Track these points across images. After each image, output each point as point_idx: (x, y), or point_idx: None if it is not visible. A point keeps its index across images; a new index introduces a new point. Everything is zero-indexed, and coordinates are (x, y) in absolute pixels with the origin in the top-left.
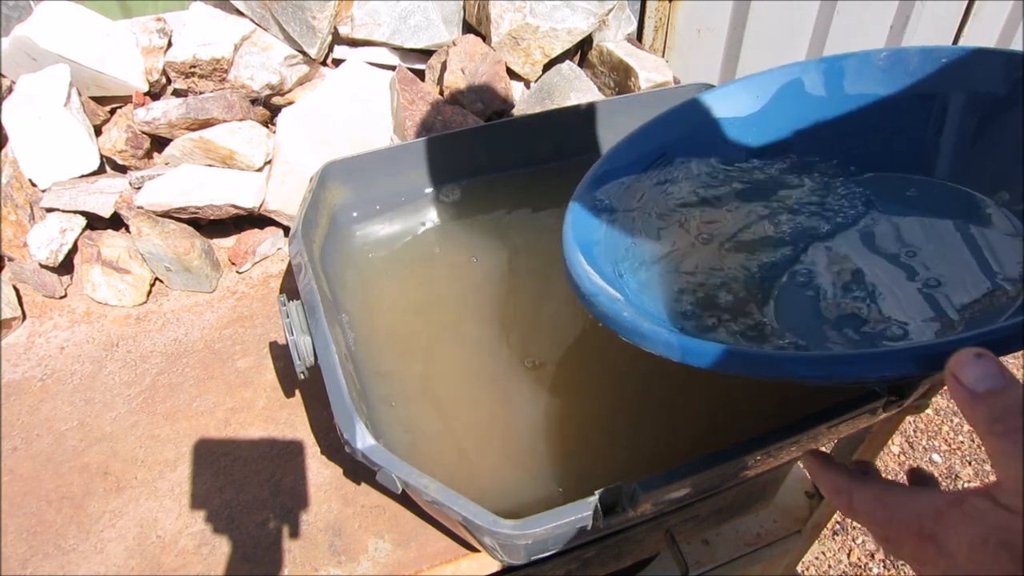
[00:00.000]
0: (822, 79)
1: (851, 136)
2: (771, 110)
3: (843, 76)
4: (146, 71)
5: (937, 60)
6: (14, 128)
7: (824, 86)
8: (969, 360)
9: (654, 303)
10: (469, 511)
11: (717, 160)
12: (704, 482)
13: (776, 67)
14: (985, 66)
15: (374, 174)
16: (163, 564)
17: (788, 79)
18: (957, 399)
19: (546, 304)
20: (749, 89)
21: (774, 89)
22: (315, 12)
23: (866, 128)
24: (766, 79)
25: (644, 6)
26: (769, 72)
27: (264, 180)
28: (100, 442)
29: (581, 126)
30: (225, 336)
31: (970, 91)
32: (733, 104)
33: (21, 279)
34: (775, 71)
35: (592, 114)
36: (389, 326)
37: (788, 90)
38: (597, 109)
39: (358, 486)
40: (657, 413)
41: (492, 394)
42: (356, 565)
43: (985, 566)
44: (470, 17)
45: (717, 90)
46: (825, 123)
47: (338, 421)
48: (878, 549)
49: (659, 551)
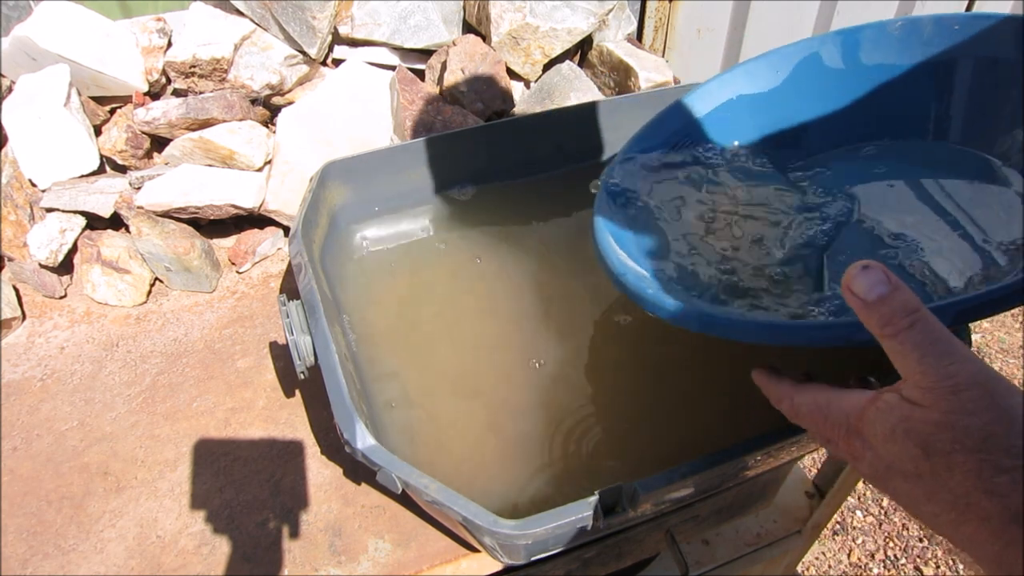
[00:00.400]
0: (839, 51)
1: (869, 106)
2: (792, 84)
3: (859, 48)
4: (146, 71)
5: (950, 27)
6: (14, 128)
7: (842, 58)
8: (858, 272)
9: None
10: (469, 511)
11: (740, 144)
12: (704, 482)
13: (794, 43)
14: (998, 32)
15: (374, 174)
16: (163, 564)
17: (807, 52)
18: (854, 308)
19: (549, 304)
20: (771, 63)
21: (794, 63)
22: (315, 12)
23: (883, 97)
24: (785, 54)
25: (644, 6)
26: (788, 47)
27: (264, 180)
28: (100, 442)
29: (581, 126)
30: (225, 336)
31: (983, 56)
32: (755, 81)
33: (21, 279)
34: (792, 46)
35: (592, 114)
36: (389, 326)
37: (806, 64)
38: (597, 109)
39: (358, 486)
40: (660, 414)
41: (494, 394)
42: (356, 565)
43: (896, 454)
44: (470, 17)
45: (736, 69)
46: (844, 93)
47: (338, 421)
48: (878, 549)
49: (659, 551)
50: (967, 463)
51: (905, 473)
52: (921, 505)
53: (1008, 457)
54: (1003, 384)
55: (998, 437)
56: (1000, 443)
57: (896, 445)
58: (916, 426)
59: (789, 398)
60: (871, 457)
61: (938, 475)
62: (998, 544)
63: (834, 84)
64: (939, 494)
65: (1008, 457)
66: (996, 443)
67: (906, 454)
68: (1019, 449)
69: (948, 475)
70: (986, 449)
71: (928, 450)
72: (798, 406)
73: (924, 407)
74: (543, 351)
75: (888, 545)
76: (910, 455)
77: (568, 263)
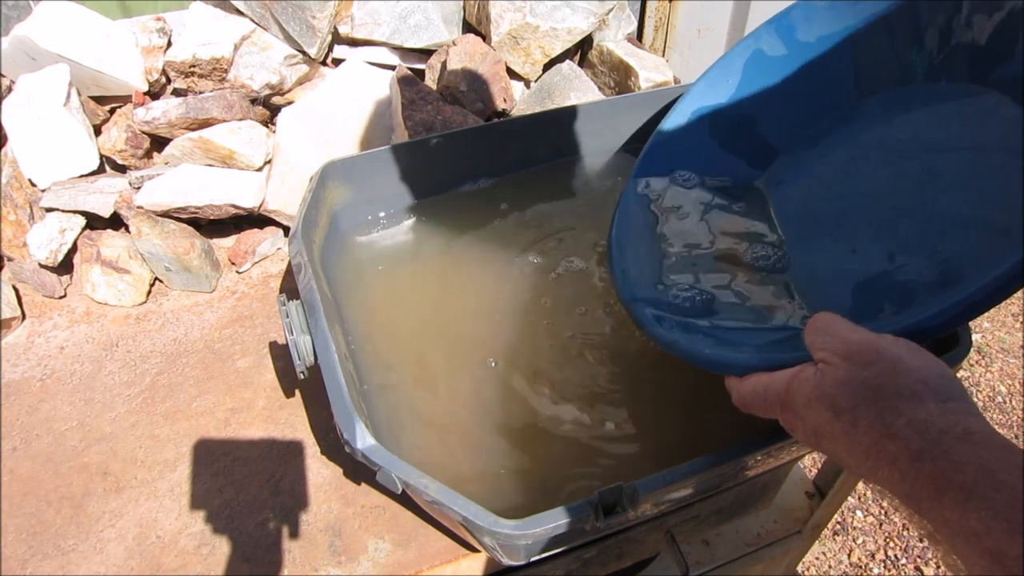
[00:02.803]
0: (778, 39)
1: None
2: (745, 88)
3: (794, 30)
4: (146, 71)
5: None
6: (14, 128)
7: (783, 45)
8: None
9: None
10: (469, 511)
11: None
12: (705, 482)
13: (736, 45)
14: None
15: (374, 174)
16: (163, 564)
17: (750, 51)
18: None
19: (551, 305)
20: (723, 72)
21: (742, 66)
22: (315, 12)
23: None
24: (730, 61)
25: (644, 6)
26: (731, 53)
27: (264, 180)
28: (100, 442)
29: (581, 126)
30: (225, 336)
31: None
32: (714, 93)
33: (21, 279)
34: (736, 50)
35: (592, 114)
36: (389, 325)
37: (753, 63)
38: (598, 109)
39: (358, 486)
40: (662, 416)
41: (494, 394)
42: (356, 565)
43: (815, 419)
44: (470, 17)
45: (696, 87)
46: (797, 76)
47: (338, 421)
48: (878, 549)
49: (659, 551)
50: (868, 414)
51: (826, 435)
52: (846, 460)
53: (902, 400)
54: (888, 338)
55: (888, 385)
56: (891, 389)
57: (812, 411)
58: (825, 390)
59: (736, 390)
60: (801, 426)
61: (847, 432)
62: (906, 482)
63: (785, 71)
64: (854, 448)
65: (902, 400)
66: (888, 390)
67: (822, 417)
68: (910, 392)
69: (855, 429)
70: (881, 397)
71: (836, 409)
72: (743, 395)
73: (828, 371)
74: (545, 350)
75: (888, 545)
76: (825, 417)
77: (582, 260)
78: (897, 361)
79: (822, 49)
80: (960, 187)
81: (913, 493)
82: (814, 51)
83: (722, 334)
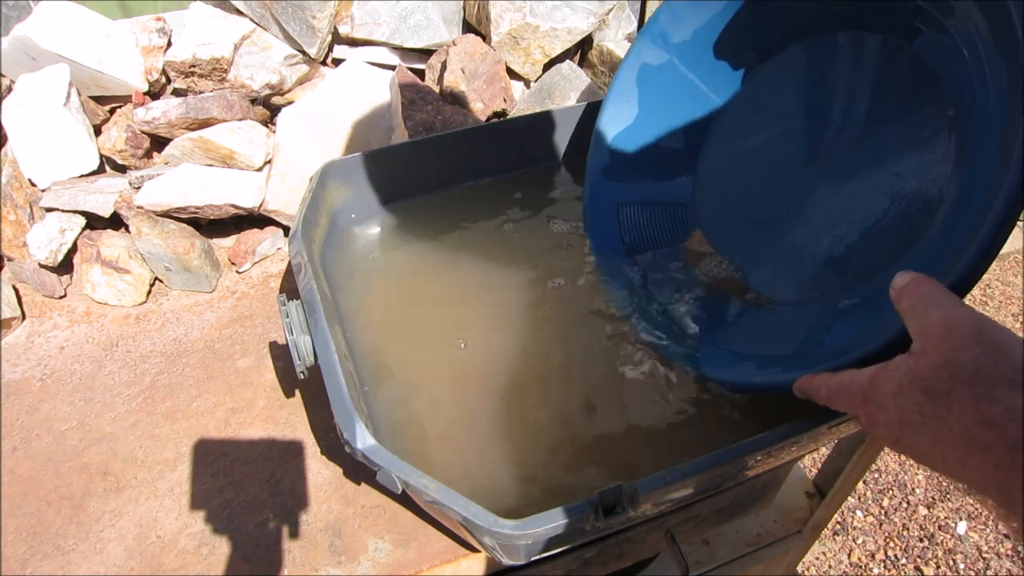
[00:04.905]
0: (657, 47)
1: (717, 69)
2: (646, 105)
3: (668, 35)
4: (146, 71)
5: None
6: (14, 128)
7: (664, 51)
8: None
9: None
10: (469, 511)
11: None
12: (705, 482)
13: (622, 64)
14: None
15: (374, 174)
16: (163, 564)
17: (637, 67)
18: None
19: (552, 305)
20: (621, 95)
21: (635, 84)
22: (315, 12)
23: (726, 51)
24: (622, 82)
25: (644, 6)
26: (620, 73)
27: (264, 180)
28: (100, 442)
29: (581, 127)
30: (225, 336)
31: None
32: (621, 119)
33: (21, 279)
34: (624, 69)
35: (592, 114)
36: (389, 325)
37: (643, 77)
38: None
39: (358, 486)
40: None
41: (494, 393)
42: (356, 565)
43: (904, 406)
44: (470, 17)
45: (602, 116)
46: (686, 79)
47: (338, 421)
48: (878, 549)
49: (659, 551)
50: (963, 398)
51: (913, 424)
52: (930, 452)
53: (999, 387)
54: (991, 322)
55: (988, 369)
56: (990, 375)
57: (903, 397)
58: (919, 373)
59: (826, 386)
60: (884, 419)
61: (940, 416)
62: (1000, 472)
63: (674, 76)
64: (944, 436)
65: (999, 387)
66: (987, 375)
67: (912, 403)
68: (1008, 379)
69: (948, 414)
70: (979, 382)
71: (930, 392)
72: (830, 392)
73: (925, 355)
74: (545, 351)
75: (888, 545)
76: (916, 402)
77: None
78: (999, 346)
79: (701, 41)
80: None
81: (1006, 484)
82: (693, 47)
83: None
